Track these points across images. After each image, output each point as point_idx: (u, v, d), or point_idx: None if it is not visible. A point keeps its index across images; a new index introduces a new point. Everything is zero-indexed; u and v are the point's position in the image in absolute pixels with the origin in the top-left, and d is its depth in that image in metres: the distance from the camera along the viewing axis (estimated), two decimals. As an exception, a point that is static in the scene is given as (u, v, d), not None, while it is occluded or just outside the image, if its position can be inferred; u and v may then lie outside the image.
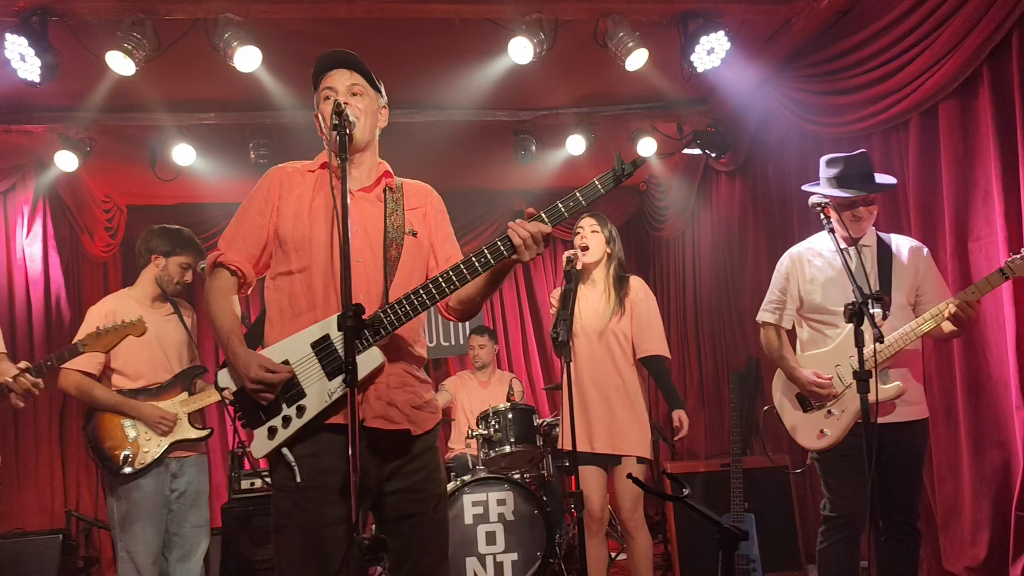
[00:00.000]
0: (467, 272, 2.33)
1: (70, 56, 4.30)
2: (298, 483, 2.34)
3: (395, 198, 2.61)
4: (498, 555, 4.67)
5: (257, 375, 2.33)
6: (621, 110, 5.96)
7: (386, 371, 2.42)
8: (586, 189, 2.31)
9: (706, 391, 6.97)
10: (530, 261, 2.32)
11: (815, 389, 3.45)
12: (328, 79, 2.55)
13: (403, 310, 2.34)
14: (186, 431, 3.86)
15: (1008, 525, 3.64)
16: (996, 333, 3.74)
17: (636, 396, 4.02)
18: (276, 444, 2.38)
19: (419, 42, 4.72)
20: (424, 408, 2.54)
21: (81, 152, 5.42)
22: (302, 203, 2.53)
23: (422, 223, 2.64)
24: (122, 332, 3.59)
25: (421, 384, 2.57)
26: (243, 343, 2.44)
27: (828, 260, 3.53)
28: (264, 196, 2.58)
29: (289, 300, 2.49)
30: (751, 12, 4.62)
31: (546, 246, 2.31)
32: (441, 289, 2.34)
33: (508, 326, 8.26)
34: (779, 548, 4.92)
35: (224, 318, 2.51)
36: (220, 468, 7.03)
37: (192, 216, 7.24)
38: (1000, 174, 3.59)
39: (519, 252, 2.28)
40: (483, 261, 2.32)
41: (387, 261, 2.49)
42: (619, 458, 3.94)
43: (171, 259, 3.98)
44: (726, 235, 6.50)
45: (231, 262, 2.56)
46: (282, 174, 2.61)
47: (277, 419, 2.38)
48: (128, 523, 3.74)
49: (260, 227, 2.56)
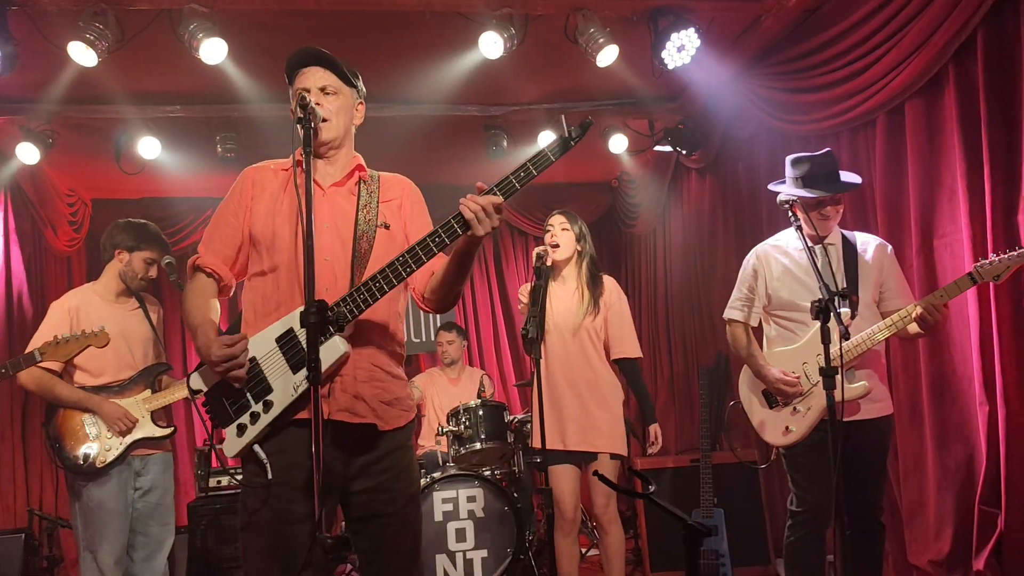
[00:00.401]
0: (422, 253, 2.29)
1: (30, 47, 4.21)
2: (269, 480, 2.32)
3: (369, 190, 2.58)
4: (468, 552, 4.66)
5: (219, 353, 2.33)
6: (592, 106, 5.95)
7: (353, 363, 2.39)
8: (536, 159, 2.27)
9: (676, 387, 7.00)
10: (486, 236, 2.26)
11: (782, 387, 3.47)
12: (301, 78, 2.52)
13: (361, 297, 2.30)
14: (149, 429, 3.79)
15: (971, 519, 3.68)
16: (961, 331, 3.78)
17: (611, 393, 4.02)
18: (246, 442, 2.36)
19: (388, 35, 4.68)
20: (395, 404, 2.50)
21: (43, 144, 5.32)
22: (272, 202, 2.52)
23: (396, 215, 2.61)
24: (83, 342, 3.55)
25: (393, 380, 2.52)
26: (208, 334, 2.42)
27: (795, 258, 3.55)
28: (238, 197, 2.57)
29: (261, 300, 2.49)
30: (721, 9, 4.63)
31: (500, 216, 2.26)
32: (397, 272, 2.29)
33: (480, 322, 8.24)
34: (748, 543, 4.96)
35: (193, 315, 2.50)
36: (187, 466, 6.96)
37: (158, 210, 7.14)
38: (965, 173, 3.63)
39: (472, 226, 2.22)
40: (437, 240, 2.28)
41: (356, 256, 2.46)
42: (594, 455, 3.94)
43: (135, 254, 3.91)
44: (696, 232, 6.53)
45: (207, 265, 2.56)
46: (256, 173, 2.59)
47: (245, 416, 2.36)
48: (91, 522, 3.68)
49: (235, 228, 2.56)
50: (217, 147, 5.64)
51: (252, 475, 2.38)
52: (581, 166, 7.42)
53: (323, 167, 2.56)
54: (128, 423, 3.71)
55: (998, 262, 3.08)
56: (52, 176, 6.25)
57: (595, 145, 6.35)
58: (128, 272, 3.91)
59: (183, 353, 7.48)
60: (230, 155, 5.59)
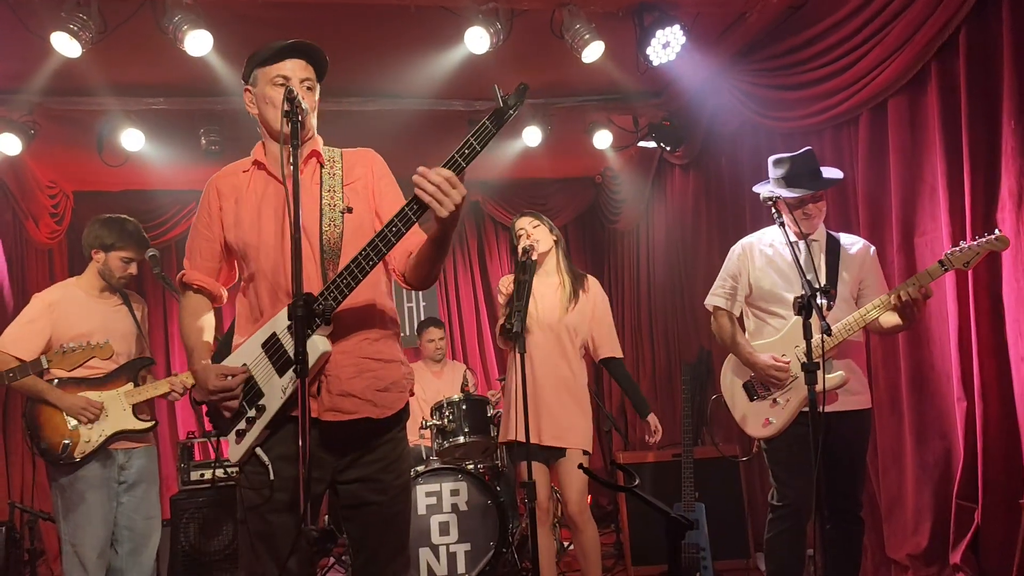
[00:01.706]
0: (382, 245, 2.23)
1: (11, 37, 4.19)
2: (271, 480, 2.35)
3: (331, 173, 2.53)
4: (451, 545, 4.68)
5: (215, 385, 2.38)
6: (577, 102, 5.96)
7: (337, 361, 2.39)
8: (479, 132, 2.12)
9: (659, 382, 7.04)
10: (449, 216, 2.14)
11: (774, 373, 3.48)
12: (283, 66, 2.46)
13: (331, 294, 2.27)
14: (130, 421, 3.79)
15: (949, 513, 3.73)
16: (939, 326, 3.82)
17: (583, 390, 4.03)
18: (246, 446, 2.40)
19: (373, 29, 4.66)
20: (391, 389, 2.48)
21: (24, 136, 5.27)
22: (237, 209, 2.51)
23: (362, 195, 2.55)
24: (88, 353, 3.59)
25: (386, 364, 2.50)
26: (204, 358, 2.48)
27: (778, 250, 3.58)
28: (207, 209, 2.56)
29: (248, 308, 2.51)
30: (706, 4, 4.65)
31: (460, 193, 2.13)
32: (362, 267, 2.25)
33: (463, 316, 8.24)
34: (728, 537, 4.99)
35: (187, 335, 2.57)
36: (170, 459, 6.93)
37: (142, 203, 7.11)
38: (945, 170, 3.66)
39: (434, 208, 2.11)
40: (395, 230, 2.21)
41: (324, 250, 2.42)
42: (564, 451, 3.93)
43: (111, 254, 3.87)
44: (679, 228, 6.56)
45: (193, 280, 2.60)
46: (219, 182, 2.58)
47: (242, 422, 2.41)
48: (72, 515, 3.67)
49: (210, 240, 2.57)
50: (201, 139, 5.61)
51: (252, 475, 2.40)
52: (565, 161, 7.43)
53: None
54: (93, 411, 3.68)
55: (967, 248, 3.12)
56: (34, 168, 6.19)
57: (579, 141, 6.37)
58: (105, 271, 3.89)
59: (166, 348, 7.45)
60: (214, 148, 5.55)
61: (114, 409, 3.77)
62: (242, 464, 2.44)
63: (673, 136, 6.06)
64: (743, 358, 3.61)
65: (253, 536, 2.38)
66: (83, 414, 3.67)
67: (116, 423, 3.75)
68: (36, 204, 6.26)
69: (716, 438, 5.21)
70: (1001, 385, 3.48)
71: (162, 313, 7.52)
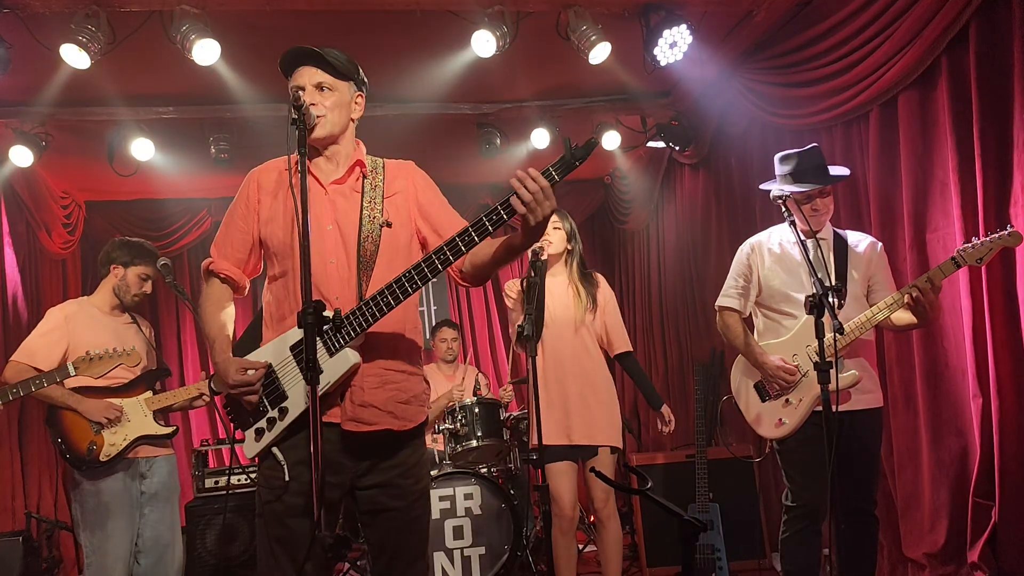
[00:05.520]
0: (451, 255, 2.22)
1: (23, 49, 4.21)
2: (286, 481, 2.37)
3: (373, 185, 2.55)
4: (466, 549, 4.68)
5: (235, 379, 2.39)
6: (585, 103, 5.95)
7: (361, 372, 2.40)
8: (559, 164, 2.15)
9: (671, 383, 7.02)
10: (536, 225, 2.12)
11: (782, 375, 3.47)
12: (296, 77, 2.50)
13: (370, 311, 2.29)
14: (152, 427, 3.83)
15: (966, 511, 3.70)
16: (954, 322, 3.79)
17: (609, 387, 4.07)
18: (263, 445, 2.43)
19: (380, 34, 4.68)
20: (412, 402, 2.51)
21: (37, 147, 5.31)
22: (275, 206, 2.53)
23: (402, 209, 2.56)
24: (115, 360, 3.61)
25: (409, 377, 2.52)
26: (225, 351, 2.49)
27: (787, 249, 3.57)
28: (245, 201, 2.59)
29: (276, 304, 2.52)
30: (712, 3, 4.63)
31: (551, 206, 2.12)
32: (405, 289, 2.26)
33: (475, 319, 8.24)
34: (743, 537, 4.98)
35: (210, 325, 2.57)
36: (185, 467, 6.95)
37: (152, 212, 7.15)
38: (956, 165, 3.64)
39: (526, 214, 2.09)
40: (467, 239, 2.20)
41: (361, 259, 2.44)
42: (595, 449, 3.97)
43: (130, 269, 3.98)
44: (689, 227, 6.54)
45: (220, 270, 2.60)
46: (260, 175, 2.61)
47: (263, 421, 2.43)
48: (95, 524, 3.70)
49: (244, 232, 2.59)
50: (211, 148, 5.63)
51: (268, 476, 2.43)
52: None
53: (323, 164, 2.55)
54: (114, 412, 3.72)
55: (980, 244, 3.11)
56: (46, 178, 6.24)
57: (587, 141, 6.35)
58: (122, 286, 3.98)
59: (179, 359, 7.48)
60: (224, 156, 5.57)
61: (135, 414, 3.81)
62: (259, 459, 2.47)
63: (682, 136, 6.05)
64: (753, 359, 3.60)
65: (272, 541, 2.39)
66: (104, 415, 3.70)
67: (138, 428, 3.79)
68: (49, 214, 6.31)
69: (729, 439, 5.20)
70: (1017, 381, 3.45)
71: (175, 323, 7.54)
